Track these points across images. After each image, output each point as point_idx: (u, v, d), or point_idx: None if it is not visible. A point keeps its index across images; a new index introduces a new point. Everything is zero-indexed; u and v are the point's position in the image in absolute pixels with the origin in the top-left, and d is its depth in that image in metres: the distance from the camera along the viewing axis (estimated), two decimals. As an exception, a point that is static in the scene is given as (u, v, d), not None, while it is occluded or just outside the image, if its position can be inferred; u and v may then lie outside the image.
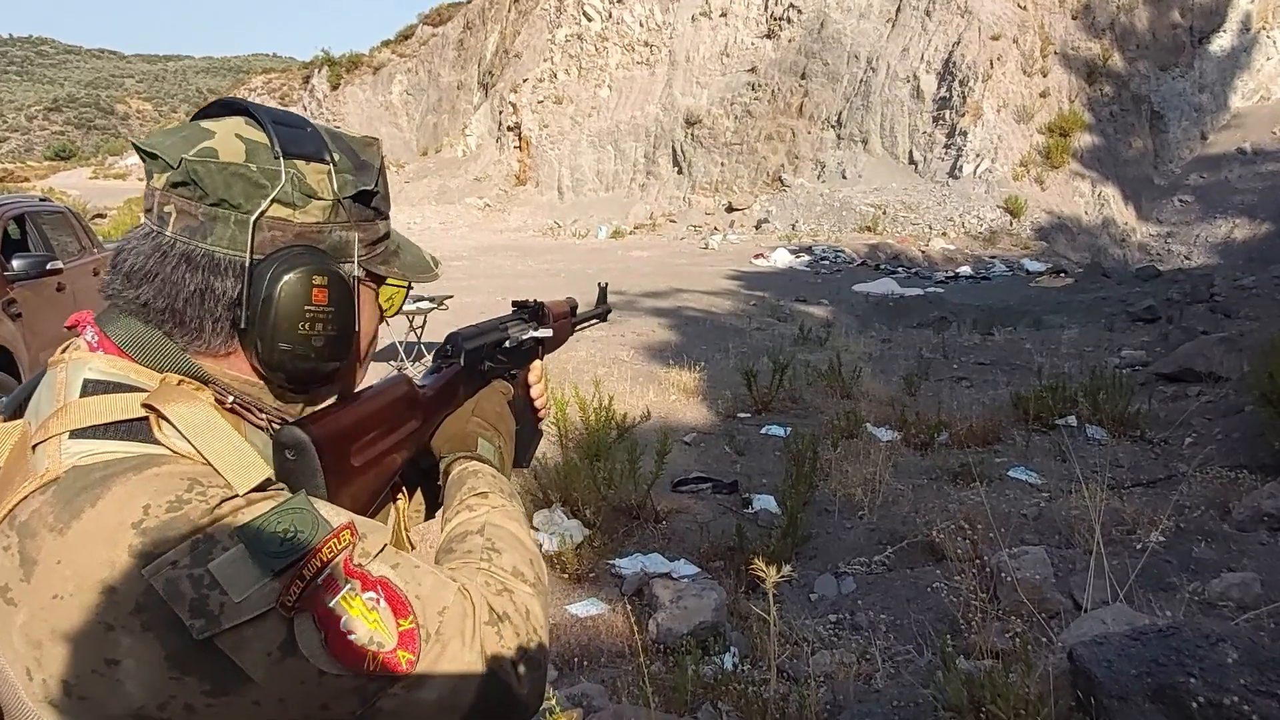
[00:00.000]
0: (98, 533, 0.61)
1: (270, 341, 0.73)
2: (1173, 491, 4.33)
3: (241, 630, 0.60)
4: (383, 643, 0.65)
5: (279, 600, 0.61)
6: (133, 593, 0.59)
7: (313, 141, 0.76)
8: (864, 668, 2.79)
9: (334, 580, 0.64)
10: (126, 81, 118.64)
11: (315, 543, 0.64)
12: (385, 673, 0.65)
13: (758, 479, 5.29)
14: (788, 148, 25.55)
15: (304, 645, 0.62)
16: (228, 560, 0.61)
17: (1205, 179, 21.30)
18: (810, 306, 12.60)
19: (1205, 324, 9.35)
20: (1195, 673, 1.52)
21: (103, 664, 0.59)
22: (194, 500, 0.63)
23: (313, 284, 0.73)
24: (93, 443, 0.65)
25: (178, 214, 0.71)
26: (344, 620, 0.64)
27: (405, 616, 0.67)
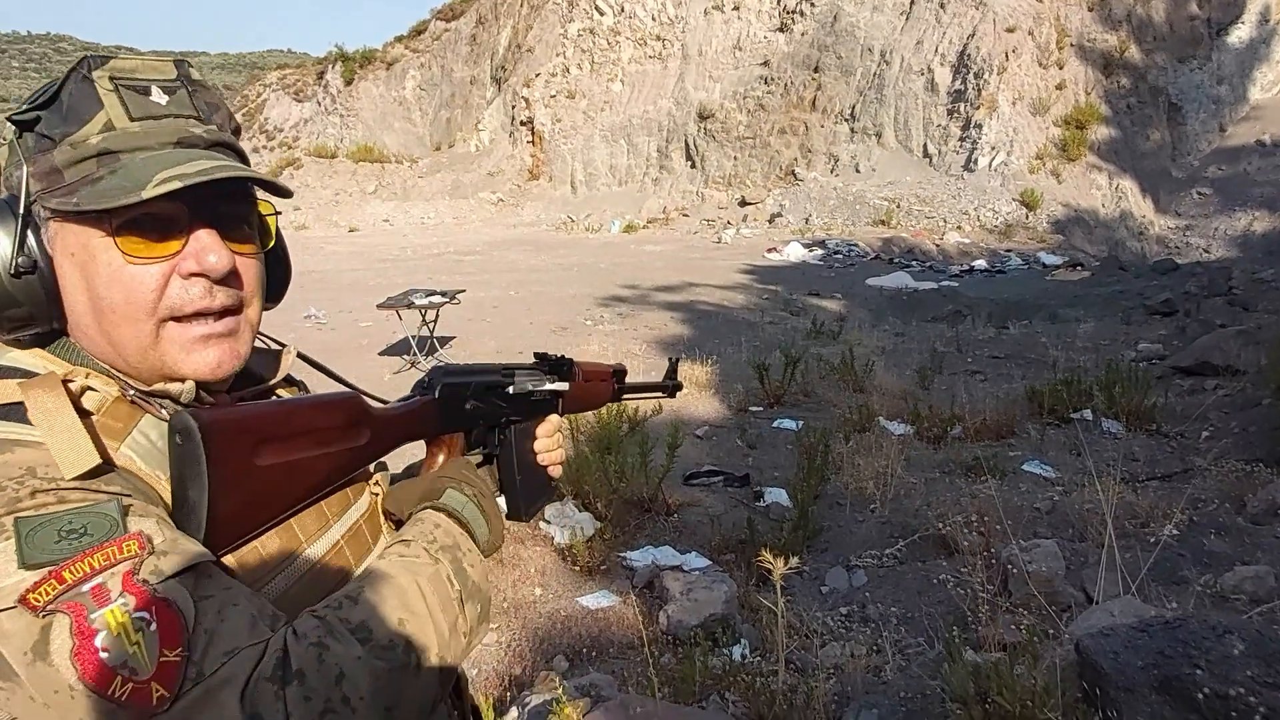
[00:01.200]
0: None
1: None
2: (1187, 485, 4.30)
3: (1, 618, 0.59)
4: (137, 669, 0.60)
5: (22, 596, 0.59)
6: None
7: None
8: (873, 660, 2.79)
9: (105, 590, 0.61)
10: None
11: (91, 545, 0.62)
12: (134, 703, 0.60)
13: (769, 472, 5.29)
14: (801, 141, 25.43)
15: (55, 651, 0.59)
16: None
17: (1224, 171, 21.05)
18: (823, 300, 12.56)
19: (1223, 317, 9.25)
20: (1202, 664, 1.52)
21: None
22: (9, 488, 0.62)
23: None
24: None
25: None
26: (100, 635, 0.60)
27: (174, 647, 0.61)
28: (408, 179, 29.90)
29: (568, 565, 3.90)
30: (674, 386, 1.31)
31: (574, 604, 3.52)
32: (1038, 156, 21.53)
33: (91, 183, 0.72)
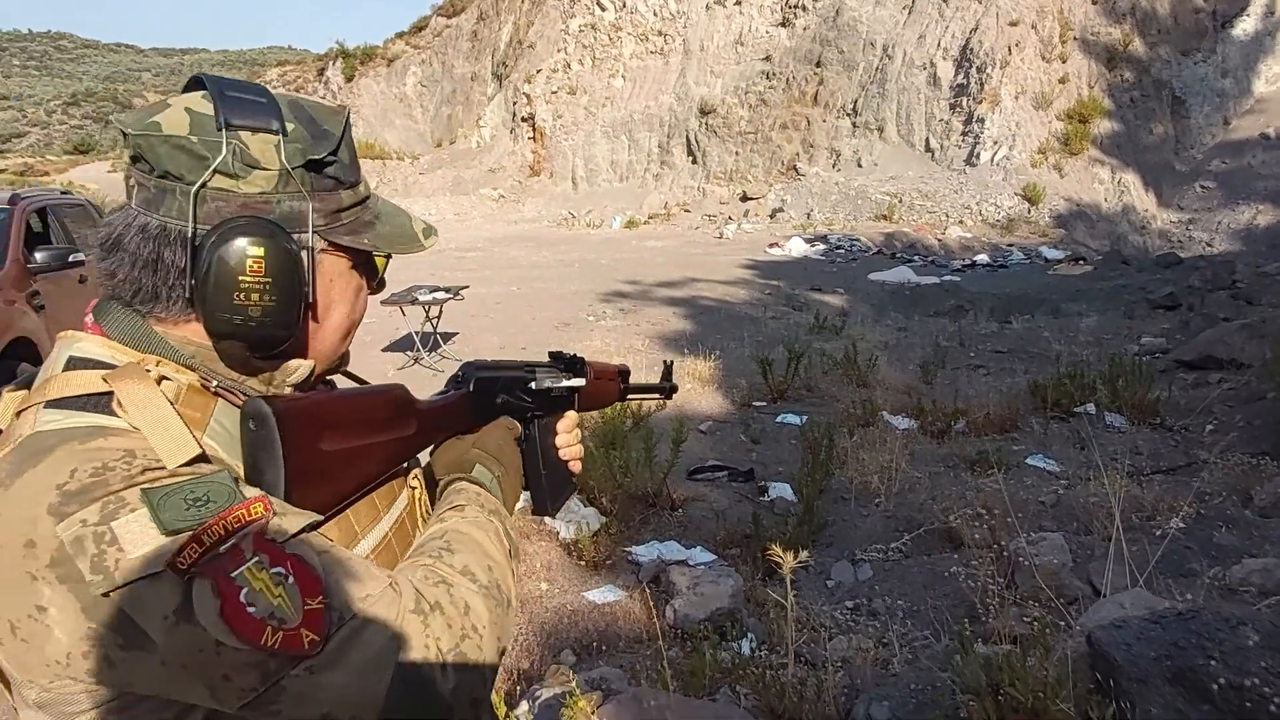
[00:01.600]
0: (28, 491, 0.64)
1: (211, 310, 0.74)
2: (1193, 478, 4.30)
3: (136, 588, 0.62)
4: (285, 619, 0.64)
5: (170, 561, 0.62)
6: (48, 548, 0.63)
7: (264, 112, 0.76)
8: (881, 653, 2.79)
9: (239, 550, 0.65)
10: (143, 75, 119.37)
11: (220, 510, 0.65)
12: (287, 650, 0.64)
13: (773, 467, 5.29)
14: (803, 136, 25.39)
15: (200, 612, 0.62)
16: (132, 519, 0.63)
17: (1227, 165, 21.00)
18: (826, 295, 12.55)
19: (1227, 311, 9.24)
20: (1216, 655, 1.51)
21: (35, 609, 0.63)
22: (118, 468, 0.65)
23: (248, 255, 0.73)
24: (62, 413, 0.70)
25: (137, 187, 0.75)
26: (244, 592, 0.63)
27: (314, 596, 0.66)
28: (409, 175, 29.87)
29: (573, 560, 3.90)
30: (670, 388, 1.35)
31: (580, 599, 3.52)
32: (1040, 151, 21.48)
33: (367, 226, 0.84)
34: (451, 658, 0.72)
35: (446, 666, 0.71)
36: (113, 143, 75.57)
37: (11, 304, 4.69)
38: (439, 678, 0.71)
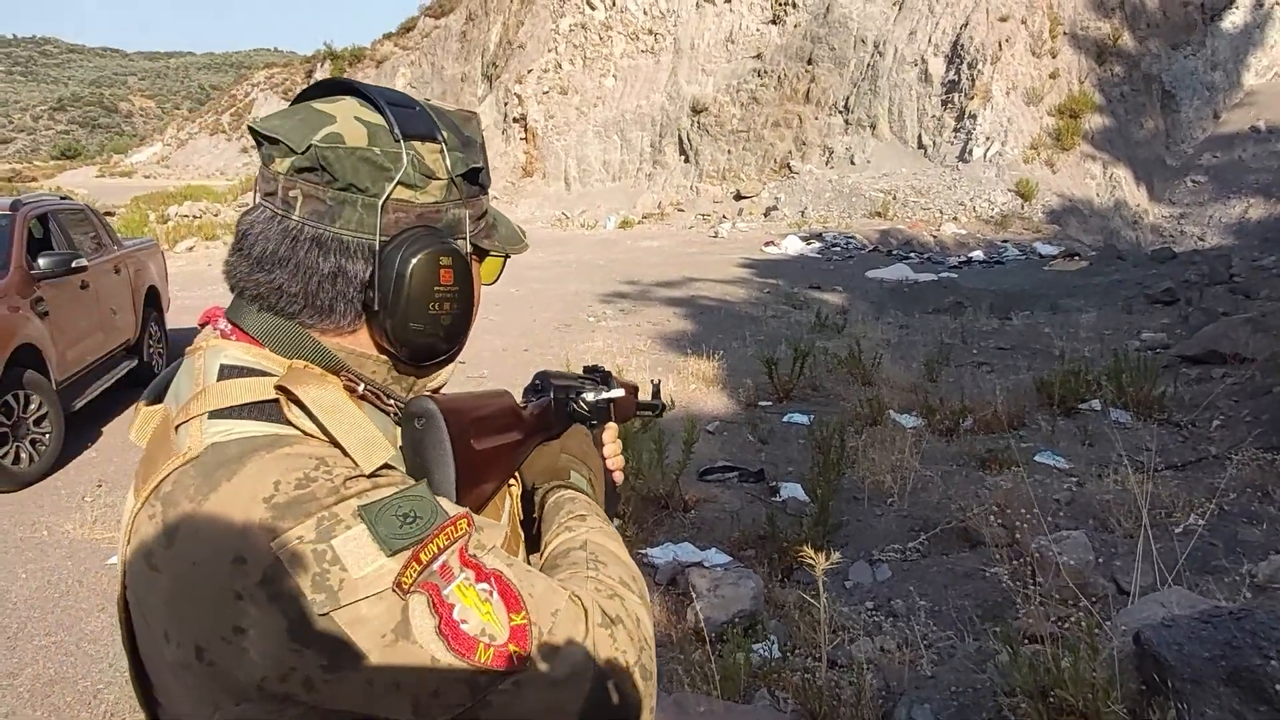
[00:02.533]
0: (232, 505, 0.63)
1: (402, 321, 0.74)
2: (1205, 474, 4.31)
3: (358, 607, 0.61)
4: (495, 635, 0.65)
5: (396, 580, 0.62)
6: (260, 564, 0.61)
7: (424, 121, 0.76)
8: (908, 654, 2.78)
9: (449, 568, 0.65)
10: (129, 79, 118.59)
11: (433, 528, 0.65)
12: (496, 666, 0.64)
13: (783, 467, 5.28)
14: (795, 134, 25.41)
15: (417, 629, 0.62)
16: (350, 536, 0.62)
17: (1218, 158, 21.11)
18: (824, 293, 12.56)
19: (1225, 305, 9.28)
20: (1273, 655, 1.51)
21: (231, 631, 0.61)
22: (320, 479, 0.64)
23: (439, 264, 0.74)
24: (230, 422, 0.68)
25: (304, 198, 0.72)
26: (457, 609, 0.64)
27: (518, 612, 0.66)
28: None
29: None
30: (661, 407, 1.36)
31: (600, 602, 3.50)
32: (1032, 146, 21.55)
33: (494, 229, 0.85)
34: (637, 670, 0.73)
35: (635, 677, 0.72)
36: (100, 147, 75.04)
37: (16, 310, 4.65)
38: (628, 687, 0.71)
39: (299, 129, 0.72)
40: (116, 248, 6.50)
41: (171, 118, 66.63)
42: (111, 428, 5.76)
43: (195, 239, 17.11)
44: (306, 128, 0.72)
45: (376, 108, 0.75)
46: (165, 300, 7.36)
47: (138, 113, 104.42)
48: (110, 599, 3.64)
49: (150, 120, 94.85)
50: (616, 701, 0.70)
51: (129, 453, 5.32)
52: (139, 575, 0.67)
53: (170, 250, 15.31)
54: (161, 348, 6.98)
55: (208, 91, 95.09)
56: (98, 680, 3.08)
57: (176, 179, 36.57)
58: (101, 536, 4.20)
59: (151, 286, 6.87)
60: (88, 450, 5.36)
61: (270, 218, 0.74)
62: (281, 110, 0.76)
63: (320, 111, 0.74)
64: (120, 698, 2.97)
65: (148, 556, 0.65)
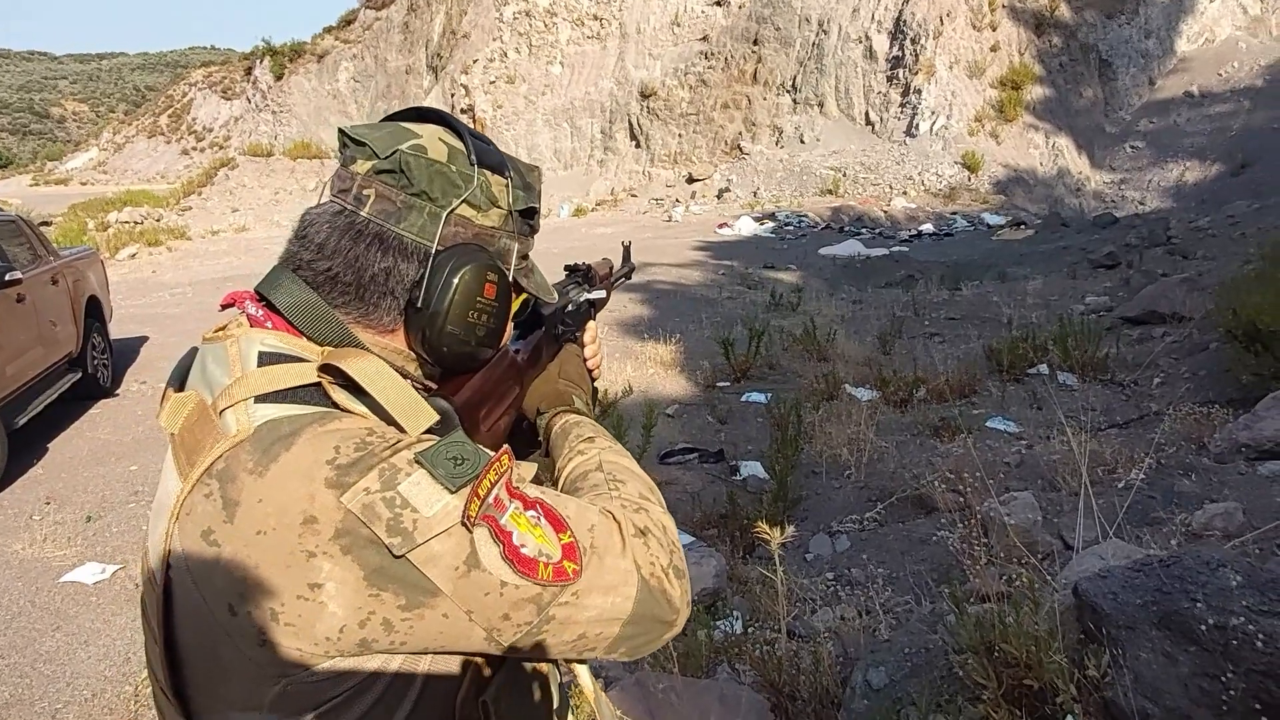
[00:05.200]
0: (295, 472, 0.67)
1: (441, 324, 0.79)
2: (1147, 431, 4.45)
3: (431, 544, 0.66)
4: (550, 554, 0.70)
5: (463, 515, 0.67)
6: (332, 520, 0.65)
7: (497, 157, 0.85)
8: (867, 621, 2.84)
9: (501, 500, 0.71)
10: (60, 83, 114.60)
11: (482, 466, 0.70)
12: (557, 581, 0.70)
13: (743, 446, 5.34)
14: (744, 115, 25.50)
15: (485, 558, 0.68)
16: (413, 482, 0.67)
17: (1155, 124, 21.67)
18: (779, 272, 12.66)
19: (1164, 266, 9.57)
20: (1200, 598, 1.57)
21: (307, 589, 0.65)
22: (375, 441, 0.69)
23: (486, 278, 0.81)
24: (276, 406, 0.72)
25: (376, 198, 0.78)
26: (515, 535, 0.69)
27: (564, 531, 0.73)
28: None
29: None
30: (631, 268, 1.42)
31: (565, 589, 3.52)
32: (976, 119, 21.91)
33: (531, 273, 0.91)
34: (672, 571, 0.78)
35: (670, 578, 0.78)
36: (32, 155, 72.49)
37: (-53, 328, 4.49)
38: (669, 588, 0.77)
39: (387, 138, 0.79)
40: (53, 258, 6.30)
41: (107, 121, 64.58)
42: (57, 444, 5.62)
43: (137, 246, 16.66)
44: (394, 139, 0.79)
45: (459, 135, 0.83)
46: (107, 310, 7.16)
47: (70, 117, 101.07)
48: (66, 617, 3.56)
49: (84, 125, 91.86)
50: (657, 604, 0.76)
51: (76, 469, 5.19)
52: (196, 554, 0.69)
53: (111, 258, 14.88)
54: (106, 359, 6.80)
55: (143, 93, 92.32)
56: (55, 700, 3.02)
57: (115, 184, 35.50)
58: (52, 554, 4.10)
59: (92, 296, 6.68)
60: (34, 467, 5.21)
61: (338, 212, 0.79)
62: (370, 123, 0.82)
63: (408, 129, 0.81)
64: (79, 716, 2.92)
65: (207, 534, 0.68)
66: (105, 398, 6.54)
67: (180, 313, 10.16)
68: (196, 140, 42.97)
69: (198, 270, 14.38)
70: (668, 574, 0.78)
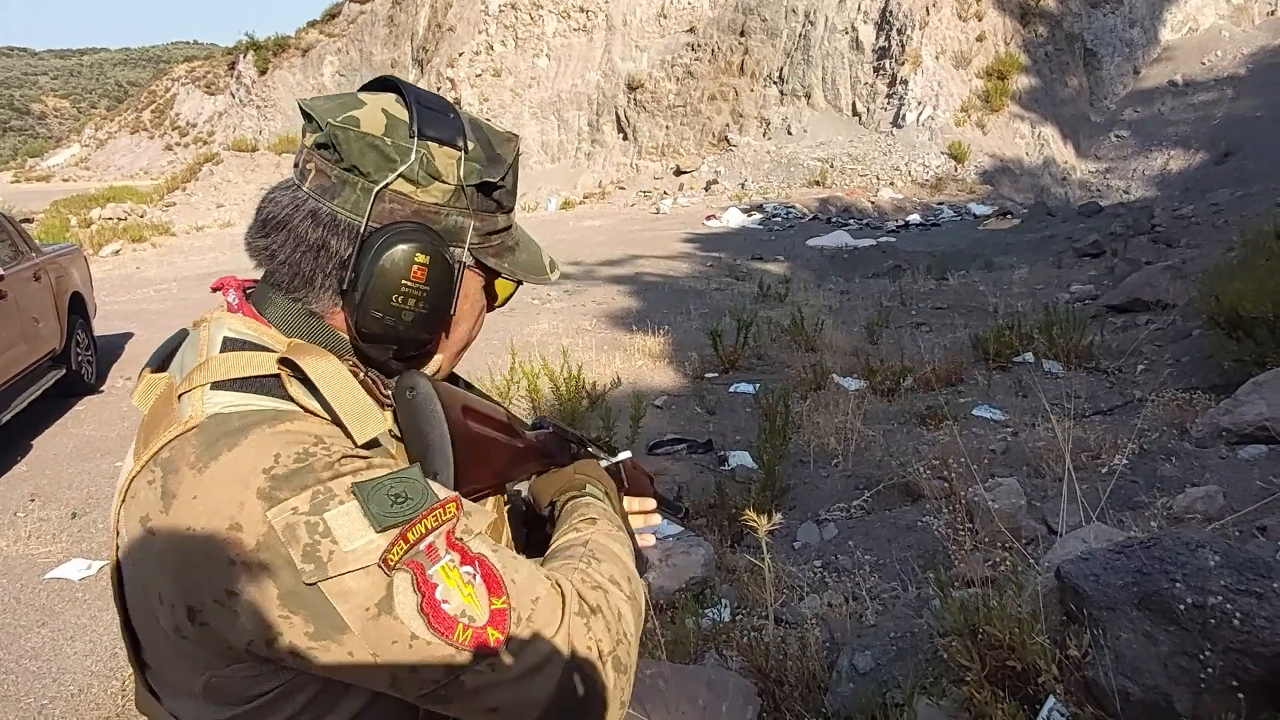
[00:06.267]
0: (232, 474, 0.65)
1: (364, 306, 0.76)
2: (1131, 417, 4.49)
3: (344, 580, 0.63)
4: (475, 617, 0.66)
5: (382, 556, 0.64)
6: (256, 532, 0.64)
7: (450, 127, 0.79)
8: (854, 607, 2.86)
9: (435, 549, 0.67)
10: (40, 79, 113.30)
11: (422, 509, 0.67)
12: (474, 647, 0.66)
13: (731, 436, 5.36)
14: (731, 107, 25.48)
15: (400, 605, 0.64)
16: (342, 511, 0.65)
17: (1139, 113, 21.79)
18: (766, 264, 12.68)
19: (1149, 254, 9.63)
20: (1179, 578, 1.59)
21: (224, 595, 0.64)
22: (319, 454, 0.67)
23: (414, 261, 0.76)
24: (232, 394, 0.70)
25: (315, 173, 0.76)
26: (440, 589, 0.66)
27: (498, 596, 0.68)
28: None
29: (543, 543, 3.89)
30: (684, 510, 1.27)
31: (554, 580, 3.52)
32: (963, 109, 21.97)
33: (510, 252, 0.86)
34: (610, 661, 0.74)
35: (606, 668, 0.73)
36: (13, 151, 71.71)
37: (-73, 326, 4.44)
38: (599, 678, 0.73)
39: (330, 109, 0.76)
40: (35, 255, 6.25)
41: (89, 117, 63.94)
42: (41, 440, 5.58)
43: (121, 242, 16.52)
44: (336, 109, 0.76)
45: (407, 105, 0.78)
46: (91, 306, 7.11)
47: (52, 113, 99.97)
48: (51, 614, 3.55)
49: (66, 121, 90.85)
50: (584, 691, 0.72)
51: (61, 466, 5.16)
52: (135, 539, 0.68)
53: (95, 255, 14.76)
54: (90, 355, 6.76)
55: (125, 89, 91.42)
56: (41, 696, 3.01)
57: (98, 181, 35.17)
58: (37, 551, 4.08)
59: (75, 293, 6.62)
60: (18, 464, 5.18)
61: (286, 187, 0.78)
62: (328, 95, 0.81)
63: (358, 98, 0.78)
64: (66, 711, 2.91)
65: (144, 521, 0.67)
66: (90, 394, 6.49)
67: (165, 309, 10.09)
68: (180, 136, 42.61)
69: (182, 266, 14.28)
70: (604, 661, 0.73)
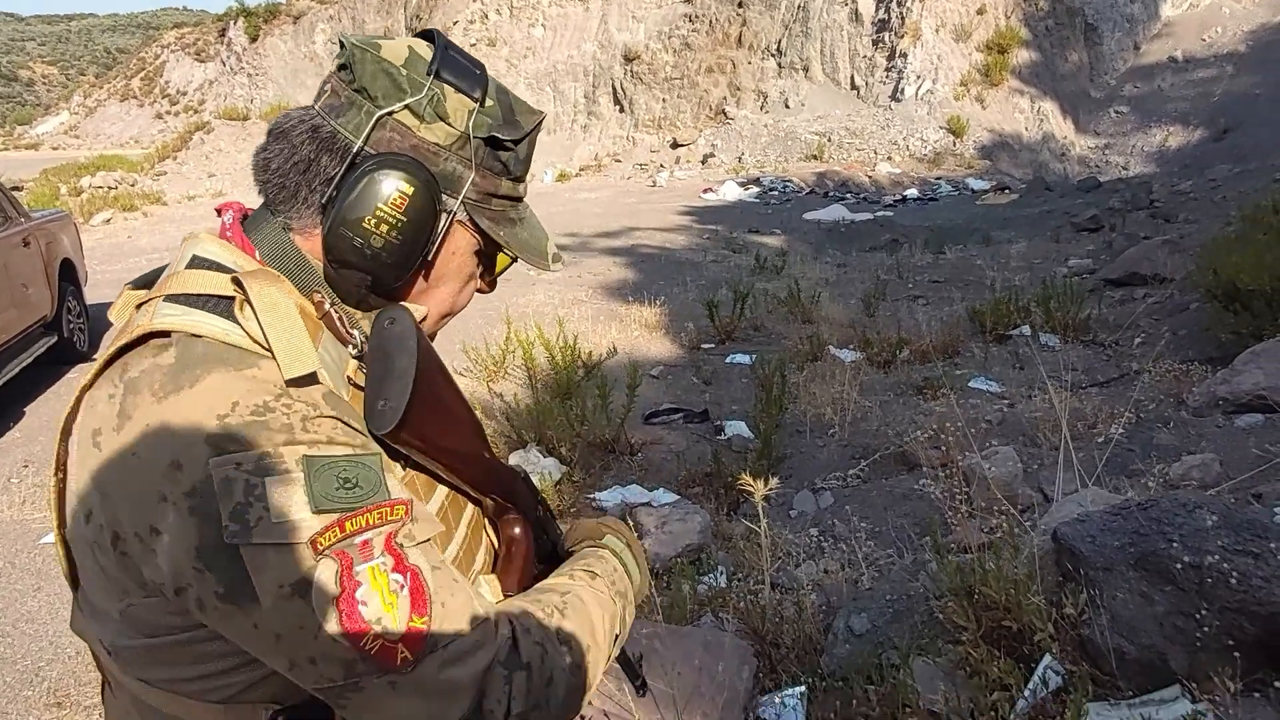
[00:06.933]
0: (188, 411, 0.63)
1: (336, 225, 0.74)
2: (1128, 389, 4.50)
3: (266, 550, 0.61)
4: (388, 629, 0.63)
5: (311, 538, 0.62)
6: (193, 476, 0.62)
7: (472, 79, 0.78)
8: (850, 573, 2.87)
9: (370, 546, 0.64)
10: (28, 46, 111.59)
11: (368, 502, 0.64)
12: (379, 659, 0.63)
13: (728, 406, 5.36)
14: (729, 79, 25.25)
15: (316, 593, 0.61)
16: (284, 481, 0.62)
17: (1139, 89, 21.65)
18: (763, 237, 12.63)
19: (1147, 229, 9.62)
20: (1176, 539, 1.60)
21: (147, 530, 0.63)
22: (278, 411, 0.64)
23: (397, 189, 0.73)
24: (181, 308, 0.69)
25: (329, 93, 0.77)
26: (362, 589, 0.63)
27: (421, 615, 0.64)
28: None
29: (539, 510, 3.89)
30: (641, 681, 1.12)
31: (550, 547, 3.53)
32: (962, 83, 21.80)
33: (510, 223, 0.84)
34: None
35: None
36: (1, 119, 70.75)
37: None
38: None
39: (362, 38, 0.77)
40: (24, 220, 6.18)
41: (77, 84, 63.06)
42: (34, 407, 5.55)
43: (112, 211, 16.35)
44: (367, 37, 0.77)
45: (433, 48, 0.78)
46: (82, 274, 7.04)
47: (40, 80, 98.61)
48: (47, 578, 3.55)
49: (54, 88, 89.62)
50: None
51: (54, 432, 5.13)
52: (81, 451, 0.67)
53: (86, 224, 14.61)
54: (82, 323, 6.71)
55: (114, 55, 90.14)
56: (38, 658, 3.01)
57: (87, 149, 34.77)
58: (31, 517, 4.07)
59: (66, 259, 6.56)
60: (11, 431, 5.16)
61: (299, 109, 0.78)
62: None
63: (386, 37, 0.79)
64: (63, 674, 2.91)
65: (95, 435, 0.66)
66: (82, 362, 6.46)
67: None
68: (170, 104, 42.09)
69: (174, 235, 14.15)
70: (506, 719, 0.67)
